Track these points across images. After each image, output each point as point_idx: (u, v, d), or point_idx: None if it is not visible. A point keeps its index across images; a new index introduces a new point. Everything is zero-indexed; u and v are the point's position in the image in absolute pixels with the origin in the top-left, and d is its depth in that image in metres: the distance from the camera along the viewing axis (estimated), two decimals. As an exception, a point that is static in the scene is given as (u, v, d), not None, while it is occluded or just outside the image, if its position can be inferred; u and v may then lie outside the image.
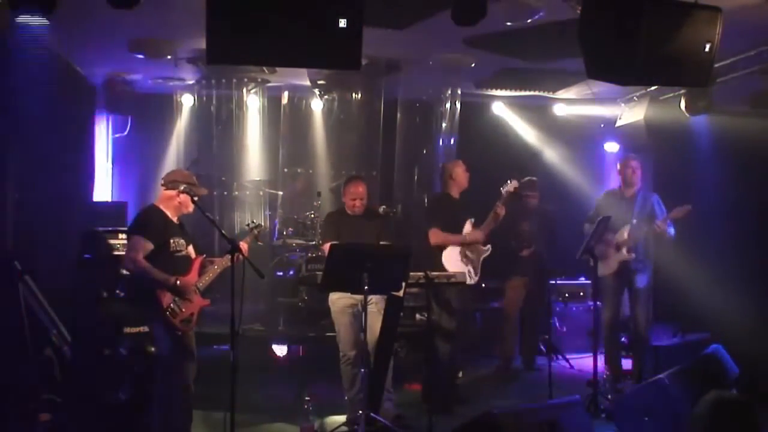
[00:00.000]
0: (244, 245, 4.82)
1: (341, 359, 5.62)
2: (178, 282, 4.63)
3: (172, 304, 4.64)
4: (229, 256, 4.56)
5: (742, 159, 7.15)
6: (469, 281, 6.02)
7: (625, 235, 6.38)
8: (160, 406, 4.77)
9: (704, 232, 7.18)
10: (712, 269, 7.02)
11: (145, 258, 4.60)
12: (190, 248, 4.93)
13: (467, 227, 6.14)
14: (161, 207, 4.82)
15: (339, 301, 5.61)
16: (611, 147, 8.96)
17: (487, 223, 6.11)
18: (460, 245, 6.05)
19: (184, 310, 4.69)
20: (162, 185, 4.87)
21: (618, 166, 6.73)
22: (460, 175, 6.21)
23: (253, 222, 5.35)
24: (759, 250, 7.02)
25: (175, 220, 4.85)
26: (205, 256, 4.95)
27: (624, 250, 6.39)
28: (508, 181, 6.06)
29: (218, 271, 4.83)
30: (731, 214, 7.29)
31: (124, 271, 5.17)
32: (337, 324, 5.66)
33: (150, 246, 4.62)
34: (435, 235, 6.02)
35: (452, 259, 6.01)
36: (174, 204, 4.80)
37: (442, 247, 6.02)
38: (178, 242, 4.78)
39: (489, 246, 6.20)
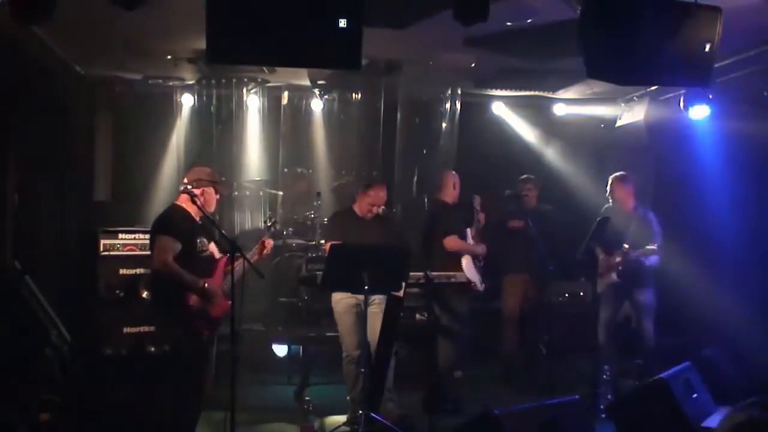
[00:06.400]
0: (269, 242, 4.94)
1: (344, 359, 5.61)
2: (206, 286, 4.55)
3: (198, 308, 4.55)
4: (254, 249, 4.75)
5: (742, 159, 7.14)
6: (480, 288, 6.20)
7: (617, 260, 6.31)
8: (172, 411, 4.71)
9: (704, 233, 7.18)
10: (712, 269, 7.02)
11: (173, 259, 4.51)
12: (212, 246, 4.84)
13: (470, 235, 6.29)
14: (184, 206, 4.71)
15: (342, 301, 5.61)
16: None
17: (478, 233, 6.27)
18: (471, 254, 6.16)
19: (210, 313, 4.62)
20: (184, 184, 4.72)
21: (608, 187, 6.62)
22: (450, 185, 6.33)
23: (269, 219, 5.45)
24: (759, 251, 7.02)
25: (197, 218, 4.75)
26: (228, 255, 4.70)
27: (613, 274, 6.33)
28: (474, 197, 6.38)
29: (241, 272, 4.64)
30: (731, 214, 7.28)
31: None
32: (340, 324, 5.66)
33: (178, 246, 4.51)
34: (454, 242, 6.09)
35: (469, 268, 6.11)
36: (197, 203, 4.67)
37: (455, 254, 6.08)
38: (202, 242, 4.71)
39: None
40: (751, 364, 5.98)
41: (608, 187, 6.61)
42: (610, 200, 6.58)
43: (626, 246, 6.20)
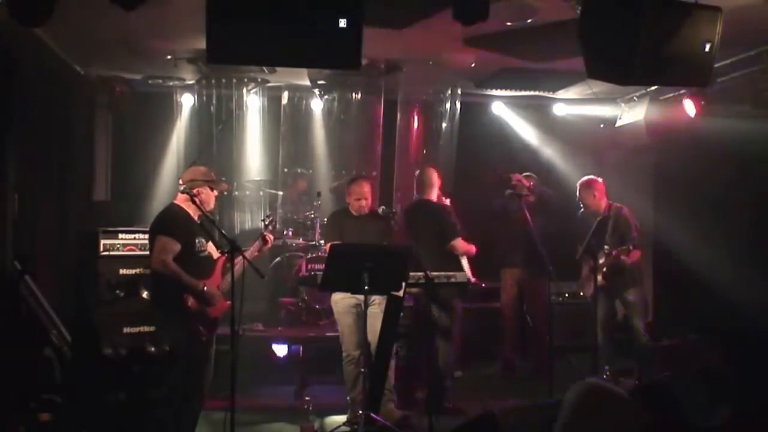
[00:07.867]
0: (270, 236, 5.00)
1: (344, 359, 5.62)
2: (205, 288, 4.56)
3: (197, 309, 4.55)
4: (253, 247, 4.82)
5: (742, 159, 7.14)
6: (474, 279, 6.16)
7: (601, 261, 6.30)
8: (170, 411, 4.72)
9: (703, 233, 7.17)
10: (711, 270, 7.01)
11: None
12: (210, 246, 4.85)
13: None
14: (183, 206, 4.71)
15: (342, 301, 5.61)
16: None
17: None
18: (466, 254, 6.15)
19: (209, 314, 4.63)
20: (180, 186, 4.73)
21: (577, 194, 6.60)
22: (438, 183, 6.30)
23: (268, 217, 5.47)
24: (758, 251, 7.01)
25: (196, 218, 4.75)
26: (226, 255, 4.72)
27: (600, 276, 6.29)
28: None
29: (241, 270, 4.65)
30: (730, 214, 7.28)
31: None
32: (340, 324, 5.66)
33: (177, 247, 4.53)
34: (463, 245, 6.08)
35: (467, 267, 6.09)
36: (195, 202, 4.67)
37: (454, 255, 6.05)
38: (201, 242, 4.72)
39: None
40: (746, 361, 5.98)
41: (577, 194, 6.61)
42: (582, 206, 6.59)
43: (607, 247, 6.21)
